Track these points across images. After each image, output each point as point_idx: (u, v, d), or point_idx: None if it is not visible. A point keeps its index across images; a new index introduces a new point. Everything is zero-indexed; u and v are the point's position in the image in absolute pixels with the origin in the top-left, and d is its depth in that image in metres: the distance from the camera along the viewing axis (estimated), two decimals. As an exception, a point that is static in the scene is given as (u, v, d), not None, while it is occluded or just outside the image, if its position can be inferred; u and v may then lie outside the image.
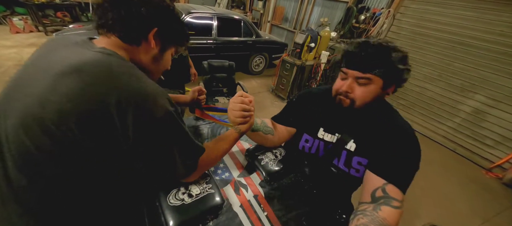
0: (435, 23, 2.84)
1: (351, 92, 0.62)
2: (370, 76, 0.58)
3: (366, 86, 0.60)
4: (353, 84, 0.62)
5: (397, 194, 0.57)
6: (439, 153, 2.80)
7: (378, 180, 0.59)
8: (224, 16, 3.48)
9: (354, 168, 0.68)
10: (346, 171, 0.70)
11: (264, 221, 0.64)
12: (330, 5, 4.45)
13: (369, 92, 0.60)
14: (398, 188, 0.57)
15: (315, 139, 0.76)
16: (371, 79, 0.59)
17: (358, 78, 0.60)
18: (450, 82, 2.81)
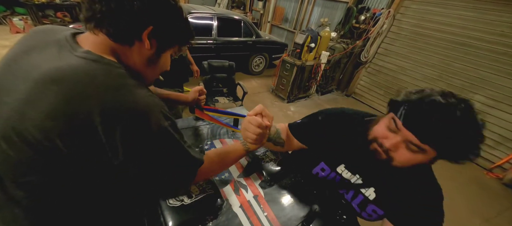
0: (435, 24, 2.84)
1: (393, 151, 0.50)
2: (427, 148, 0.46)
3: (415, 154, 0.48)
4: (404, 146, 0.49)
5: None
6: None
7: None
8: (224, 16, 3.48)
9: (367, 212, 0.64)
10: (357, 211, 0.67)
11: (264, 221, 0.64)
12: (330, 5, 4.45)
13: (414, 160, 0.49)
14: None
15: (332, 171, 0.69)
16: (426, 150, 0.46)
17: (412, 143, 0.47)
18: (450, 83, 2.81)
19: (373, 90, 3.68)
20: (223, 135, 1.00)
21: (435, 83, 2.94)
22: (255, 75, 4.26)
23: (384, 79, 3.50)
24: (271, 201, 0.71)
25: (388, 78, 3.45)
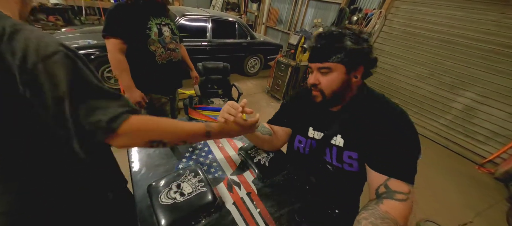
0: (425, 23, 2.91)
1: (318, 84, 0.63)
2: (329, 65, 0.60)
3: (328, 75, 0.62)
4: (318, 75, 0.63)
5: (401, 186, 0.54)
6: (432, 150, 2.85)
7: (380, 177, 0.57)
8: (219, 18, 3.50)
9: (346, 162, 0.68)
10: (340, 167, 0.70)
11: (257, 217, 0.65)
12: (323, 7, 4.51)
13: (333, 80, 0.61)
14: (402, 180, 0.55)
15: (307, 138, 0.76)
16: (331, 67, 0.60)
17: (320, 69, 0.62)
18: (441, 80, 2.87)
19: (367, 89, 3.73)
20: (216, 134, 1.00)
21: (427, 81, 3.00)
22: (251, 76, 4.27)
23: (378, 79, 3.55)
24: (264, 197, 0.71)
25: (381, 77, 3.50)
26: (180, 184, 0.64)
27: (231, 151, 0.91)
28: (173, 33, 1.27)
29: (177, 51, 1.31)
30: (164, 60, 1.23)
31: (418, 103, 3.14)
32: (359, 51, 0.58)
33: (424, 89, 3.05)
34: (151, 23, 1.13)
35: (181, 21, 3.07)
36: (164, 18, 1.21)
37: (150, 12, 1.14)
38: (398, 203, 0.52)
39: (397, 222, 0.49)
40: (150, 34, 1.13)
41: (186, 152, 0.86)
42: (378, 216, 0.49)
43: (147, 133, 0.48)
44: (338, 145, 0.69)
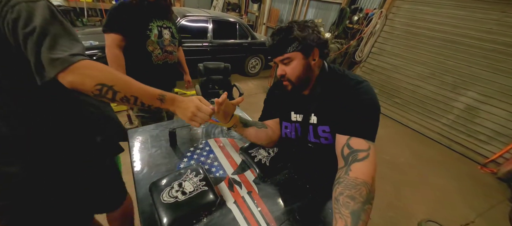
0: (427, 23, 2.90)
1: (285, 74, 0.70)
2: (288, 56, 0.67)
3: (290, 64, 0.68)
4: (282, 67, 0.70)
5: (361, 144, 0.58)
6: (435, 150, 2.83)
7: (342, 138, 0.63)
8: (219, 19, 3.51)
9: (322, 137, 0.74)
10: (318, 142, 0.75)
11: (257, 216, 0.65)
12: (324, 7, 4.51)
13: (295, 67, 0.68)
14: (361, 137, 0.59)
15: (291, 123, 0.82)
16: (290, 57, 0.67)
17: (281, 61, 0.69)
18: (443, 80, 2.86)
19: (368, 89, 3.72)
20: (217, 134, 1.01)
21: (428, 80, 2.99)
22: (252, 76, 4.28)
23: (379, 78, 3.55)
24: (264, 196, 0.72)
25: (382, 77, 3.50)
26: (182, 183, 0.65)
27: (232, 150, 0.91)
28: (173, 37, 1.30)
29: (174, 54, 1.33)
30: (160, 61, 1.25)
31: (419, 103, 3.13)
32: (309, 36, 0.65)
33: (425, 89, 3.04)
34: (153, 25, 1.16)
35: (182, 22, 3.09)
36: (166, 21, 1.24)
37: (153, 14, 1.16)
38: (362, 163, 0.55)
39: (366, 182, 0.52)
40: (150, 35, 1.15)
41: (188, 152, 0.87)
42: (350, 186, 0.53)
43: (101, 73, 0.49)
44: (313, 122, 0.75)
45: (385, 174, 2.20)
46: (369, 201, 0.51)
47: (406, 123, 3.31)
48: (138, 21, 1.12)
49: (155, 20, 1.17)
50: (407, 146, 2.82)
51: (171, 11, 1.27)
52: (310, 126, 0.75)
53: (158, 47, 1.21)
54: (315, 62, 0.70)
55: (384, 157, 2.48)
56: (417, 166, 2.43)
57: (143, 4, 1.10)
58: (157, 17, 1.18)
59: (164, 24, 1.22)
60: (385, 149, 2.63)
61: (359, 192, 0.51)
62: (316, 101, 0.74)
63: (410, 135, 3.10)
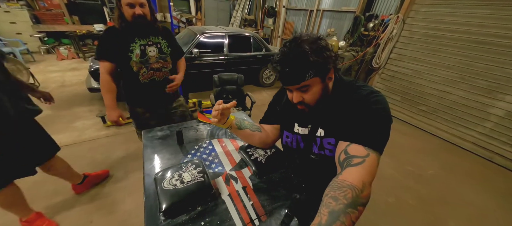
0: (448, 24, 2.72)
1: (303, 100, 0.66)
2: (307, 83, 0.62)
3: (309, 90, 0.64)
4: (299, 94, 0.65)
5: (359, 150, 0.55)
6: (470, 162, 2.52)
7: (342, 145, 0.60)
8: (235, 34, 3.74)
9: (327, 148, 0.72)
10: (322, 153, 0.73)
11: (249, 209, 0.69)
12: (337, 16, 4.52)
13: (315, 93, 0.64)
14: (361, 144, 0.56)
15: (293, 134, 0.81)
16: (309, 84, 0.62)
17: (298, 89, 0.64)
18: (474, 84, 2.60)
19: (389, 97, 3.52)
20: (221, 136, 1.09)
21: (457, 85, 2.75)
22: (266, 87, 4.38)
23: (400, 85, 3.35)
24: (258, 192, 0.76)
25: (403, 83, 3.30)
26: (182, 174, 0.73)
27: (233, 150, 0.98)
28: (162, 52, 1.27)
29: (163, 70, 1.30)
30: (146, 80, 1.26)
31: (448, 110, 2.86)
32: (325, 58, 0.59)
33: (454, 94, 2.79)
34: (134, 45, 1.17)
35: (201, 39, 3.37)
36: (153, 38, 1.23)
37: (136, 34, 1.17)
38: (354, 168, 0.53)
39: (354, 186, 0.49)
40: (132, 56, 1.18)
41: (192, 150, 0.96)
42: (336, 188, 0.50)
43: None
44: (320, 135, 0.73)
45: (409, 187, 2.02)
46: (355, 206, 0.47)
47: (433, 131, 3.03)
48: (120, 44, 1.16)
49: (138, 39, 1.18)
50: (436, 157, 2.56)
51: (158, 27, 1.26)
52: (317, 139, 0.73)
53: (142, 66, 1.22)
54: (331, 80, 0.67)
55: (408, 168, 2.29)
56: (448, 179, 2.19)
57: (123, 26, 1.13)
58: (140, 36, 1.18)
59: (149, 41, 1.22)
60: (409, 160, 2.43)
61: (344, 194, 0.48)
62: (324, 114, 0.71)
63: (439, 145, 2.82)
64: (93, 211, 1.50)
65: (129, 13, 1.09)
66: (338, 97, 0.68)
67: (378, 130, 0.58)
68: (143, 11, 1.11)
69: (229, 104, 0.80)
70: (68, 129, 2.42)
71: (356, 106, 0.62)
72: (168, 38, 1.32)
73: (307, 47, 0.58)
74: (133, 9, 1.09)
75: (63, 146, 2.11)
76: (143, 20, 1.13)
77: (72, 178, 1.53)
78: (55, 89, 3.39)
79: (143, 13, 1.11)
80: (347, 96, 0.66)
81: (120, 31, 1.15)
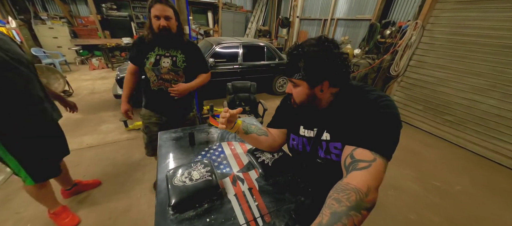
0: (476, 29, 2.56)
1: (291, 93, 0.71)
2: (294, 80, 0.67)
3: (296, 88, 0.68)
4: (291, 86, 0.71)
5: (365, 155, 0.54)
6: (507, 180, 2.25)
7: (348, 149, 0.60)
8: (249, 44, 3.87)
9: (333, 153, 0.70)
10: (328, 158, 0.72)
11: (254, 209, 0.70)
12: (352, 24, 4.47)
13: (298, 93, 0.68)
14: (367, 148, 0.55)
15: (298, 136, 0.81)
16: (296, 82, 0.67)
17: (290, 81, 0.69)
18: (508, 92, 2.37)
19: (409, 106, 3.33)
20: (231, 139, 1.12)
21: (488, 93, 2.52)
22: (279, 95, 4.40)
23: (422, 93, 3.16)
24: (264, 194, 0.76)
25: (426, 91, 3.11)
26: (191, 172, 0.76)
27: (241, 152, 1.00)
28: (175, 65, 1.30)
29: (172, 82, 1.33)
30: (155, 87, 1.33)
31: (479, 120, 2.62)
32: (317, 69, 0.61)
33: (485, 103, 2.56)
34: (152, 54, 1.27)
35: (216, 49, 3.53)
36: (172, 51, 1.29)
37: (157, 44, 1.27)
38: (359, 172, 0.52)
39: (358, 190, 0.48)
40: (146, 63, 1.28)
41: (202, 151, 1.00)
42: (340, 190, 0.49)
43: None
44: (326, 139, 0.72)
45: (433, 203, 1.86)
46: (358, 209, 0.46)
47: (462, 144, 2.77)
48: (143, 51, 1.28)
49: (158, 49, 1.27)
50: (466, 171, 2.33)
51: (184, 40, 1.32)
52: (323, 143, 0.73)
53: (153, 74, 1.29)
54: (323, 92, 0.66)
55: (433, 183, 2.11)
56: (480, 197, 1.97)
57: (149, 36, 1.24)
58: (162, 46, 1.28)
59: (167, 53, 1.29)
60: (434, 174, 2.24)
61: (347, 196, 0.48)
62: (330, 119, 0.71)
63: (468, 159, 2.57)
64: (112, 209, 1.59)
65: (156, 25, 1.18)
66: (344, 101, 0.67)
67: (386, 134, 0.57)
68: (168, 24, 1.19)
69: (235, 111, 0.83)
70: (95, 132, 2.64)
71: (364, 110, 0.61)
72: (190, 53, 1.35)
73: (305, 51, 0.61)
74: (159, 21, 1.17)
75: (89, 147, 2.32)
76: (167, 32, 1.20)
77: (64, 182, 1.59)
78: (86, 95, 3.75)
79: (167, 26, 1.18)
80: (355, 101, 0.65)
81: (145, 40, 1.26)
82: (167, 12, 1.17)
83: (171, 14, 1.19)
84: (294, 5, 5.95)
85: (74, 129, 2.65)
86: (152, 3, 1.16)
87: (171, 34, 1.22)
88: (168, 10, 1.17)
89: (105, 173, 1.94)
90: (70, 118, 2.83)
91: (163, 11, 1.16)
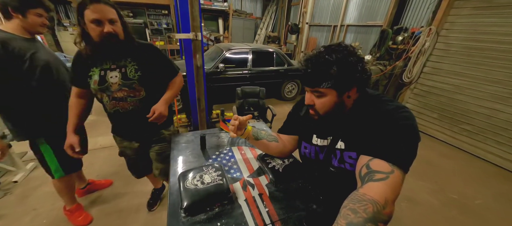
0: (493, 35, 2.46)
1: (313, 104, 0.67)
2: (320, 90, 0.62)
3: (322, 98, 0.64)
4: (312, 97, 0.66)
5: (383, 166, 0.53)
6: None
7: (364, 159, 0.58)
8: (258, 50, 3.92)
9: (347, 162, 0.69)
10: (342, 167, 0.71)
11: (264, 215, 0.70)
12: (363, 31, 4.42)
13: (325, 103, 0.64)
14: (384, 160, 0.54)
15: (311, 145, 0.80)
16: (323, 92, 0.63)
17: (312, 92, 0.65)
18: (532, 101, 2.24)
19: (424, 114, 3.22)
20: (241, 144, 1.13)
21: (507, 102, 2.40)
22: (288, 101, 4.39)
23: (437, 101, 3.05)
24: (274, 200, 0.76)
25: (441, 99, 3.00)
26: (202, 175, 0.77)
27: (251, 157, 1.00)
28: (126, 78, 0.99)
29: (128, 101, 1.02)
30: (111, 110, 1.05)
31: (499, 130, 2.49)
32: (349, 74, 0.59)
33: (505, 112, 2.43)
34: (94, 70, 0.98)
35: (226, 55, 3.60)
36: (119, 61, 0.99)
37: (101, 57, 0.98)
38: (376, 183, 0.50)
39: (376, 201, 0.47)
40: (90, 83, 0.99)
41: (213, 155, 1.01)
42: (356, 200, 0.48)
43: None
44: (340, 148, 0.71)
45: (451, 217, 1.76)
46: (375, 222, 0.45)
47: (482, 155, 2.63)
48: (83, 69, 0.99)
49: (102, 63, 0.98)
50: (486, 184, 2.20)
51: (128, 46, 0.99)
52: (337, 152, 0.71)
53: (104, 95, 1.01)
54: (350, 99, 0.65)
55: (450, 196, 2.01)
56: (503, 212, 1.85)
57: (87, 49, 0.94)
58: (104, 59, 0.98)
59: (113, 65, 0.98)
60: (452, 186, 2.14)
61: (364, 208, 0.46)
62: (345, 128, 0.70)
63: (488, 171, 2.43)
64: (123, 209, 1.63)
65: (97, 32, 0.87)
66: (361, 110, 0.66)
67: (405, 146, 0.55)
68: (114, 29, 0.90)
69: (244, 118, 0.84)
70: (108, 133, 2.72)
71: (382, 121, 0.59)
72: (144, 58, 1.02)
73: (334, 57, 0.58)
74: (100, 27, 0.87)
75: (102, 148, 2.40)
76: (114, 40, 0.91)
77: (80, 180, 1.68)
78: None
79: (114, 31, 0.90)
80: (372, 110, 0.63)
81: (84, 54, 0.95)
82: (110, 14, 0.88)
83: (115, 16, 0.90)
84: (304, 12, 5.99)
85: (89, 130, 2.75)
86: (86, 4, 0.84)
87: (119, 42, 0.93)
88: (110, 11, 0.88)
89: (117, 173, 2.00)
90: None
91: (104, 13, 0.86)
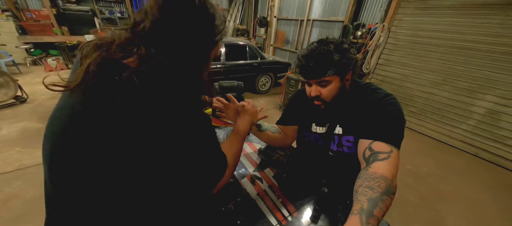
0: (430, 32, 2.97)
1: (320, 95, 0.72)
2: (327, 79, 0.69)
3: (328, 86, 0.71)
4: (318, 88, 0.72)
5: (383, 147, 0.61)
6: (460, 159, 2.69)
7: (365, 142, 0.66)
8: (231, 43, 3.83)
9: (345, 145, 0.77)
10: (340, 150, 0.79)
11: (279, 206, 0.71)
12: (327, 26, 4.76)
13: (332, 90, 0.71)
14: (384, 141, 0.62)
15: (310, 133, 0.86)
16: (329, 80, 0.69)
17: (318, 83, 0.71)
18: (456, 86, 2.82)
19: (380, 100, 3.71)
20: (237, 139, 1.11)
21: (441, 87, 2.96)
22: (262, 94, 4.45)
23: (390, 88, 3.55)
24: (285, 190, 0.79)
25: (393, 86, 3.51)
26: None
27: (251, 152, 1.00)
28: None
29: None
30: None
31: (436, 110, 3.06)
32: (346, 60, 0.67)
33: (439, 95, 3.00)
34: None
35: (198, 48, 3.41)
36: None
37: None
38: (382, 162, 0.59)
39: (386, 177, 0.55)
40: None
41: (212, 154, 0.97)
42: (369, 179, 0.56)
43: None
44: (338, 133, 0.78)
45: (409, 185, 2.11)
46: (388, 194, 0.52)
47: (425, 132, 3.21)
48: None
49: None
50: (429, 155, 2.70)
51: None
52: (335, 136, 0.78)
53: None
54: (348, 81, 0.73)
55: (406, 167, 2.40)
56: (443, 176, 2.31)
57: None
58: None
59: None
60: (406, 159, 2.55)
61: (378, 184, 0.53)
62: (342, 114, 0.77)
63: (430, 145, 2.99)
64: None
65: None
66: (354, 97, 0.75)
67: (397, 129, 0.66)
68: None
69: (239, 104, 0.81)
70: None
71: (374, 107, 0.69)
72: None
73: (332, 47, 0.66)
74: None
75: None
76: None
77: None
78: (45, 101, 3.25)
79: None
80: (364, 97, 0.73)
81: None
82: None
83: None
84: (272, 5, 6.07)
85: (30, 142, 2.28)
86: None
87: None
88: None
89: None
90: (28, 128, 2.44)
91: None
